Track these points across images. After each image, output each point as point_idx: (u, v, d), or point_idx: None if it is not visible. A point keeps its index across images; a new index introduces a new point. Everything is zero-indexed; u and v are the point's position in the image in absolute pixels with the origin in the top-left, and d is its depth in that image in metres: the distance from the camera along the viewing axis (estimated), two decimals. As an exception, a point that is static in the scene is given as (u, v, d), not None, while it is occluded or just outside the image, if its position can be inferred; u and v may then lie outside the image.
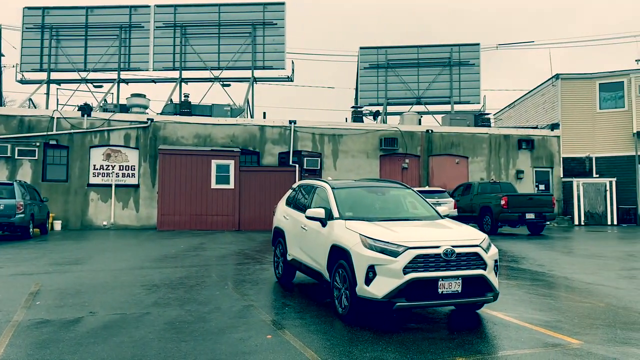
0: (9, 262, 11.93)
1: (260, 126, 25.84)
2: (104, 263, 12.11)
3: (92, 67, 28.57)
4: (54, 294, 8.34)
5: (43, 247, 15.55)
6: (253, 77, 29.00)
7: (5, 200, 16.96)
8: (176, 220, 23.16)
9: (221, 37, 29.05)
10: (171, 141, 24.67)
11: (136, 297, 8.19)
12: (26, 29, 28.30)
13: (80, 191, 23.75)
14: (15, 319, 6.75)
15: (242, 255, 13.69)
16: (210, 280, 9.86)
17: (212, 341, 5.97)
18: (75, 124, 23.99)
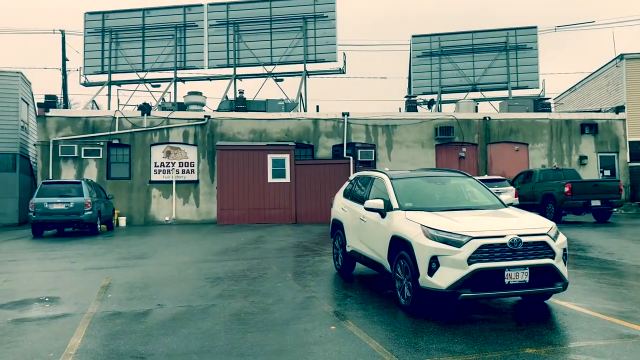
0: (80, 258, 12.48)
1: (313, 120, 25.93)
2: (169, 257, 12.48)
3: (150, 67, 29.38)
4: (123, 287, 8.67)
5: (110, 242, 16.19)
6: (305, 71, 29.08)
7: (74, 198, 17.73)
8: (235, 215, 23.60)
9: (273, 33, 29.25)
10: (228, 137, 25.12)
11: (201, 290, 8.40)
12: (88, 33, 29.39)
13: (142, 188, 24.56)
14: (89, 311, 7.06)
15: (301, 248, 13.81)
16: (272, 272, 9.99)
17: (277, 332, 6.06)
18: (136, 123, 24.79)
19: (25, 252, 14.05)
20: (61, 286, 8.90)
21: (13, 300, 7.80)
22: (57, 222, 17.97)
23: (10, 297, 8.02)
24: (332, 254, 10.32)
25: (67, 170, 24.05)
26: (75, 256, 12.73)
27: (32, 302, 7.71)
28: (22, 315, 6.98)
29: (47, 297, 7.93)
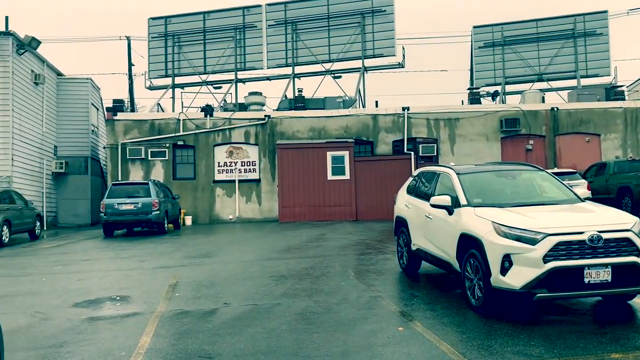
0: (149, 256, 12.83)
1: (372, 115, 25.67)
2: (233, 255, 12.63)
3: (211, 69, 29.93)
4: (190, 286, 8.80)
5: (177, 241, 16.58)
6: (363, 67, 28.83)
7: (143, 198, 18.29)
8: (296, 212, 23.71)
9: (331, 30, 29.16)
10: (287, 136, 25.26)
11: (266, 288, 8.41)
12: (151, 38, 30.27)
13: (207, 187, 25.09)
14: (158, 310, 7.18)
15: (364, 245, 13.65)
16: (335, 270, 9.89)
17: (343, 332, 5.94)
18: (199, 125, 25.34)
19: (97, 252, 14.60)
20: (131, 285, 9.14)
21: (87, 298, 8.06)
22: (127, 222, 18.59)
23: (85, 295, 8.30)
24: (396, 252, 10.11)
25: (135, 171, 24.87)
26: (144, 255, 13.09)
27: (104, 300, 7.94)
28: (96, 313, 7.19)
29: (118, 296, 8.15)
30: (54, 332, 6.27)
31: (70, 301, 7.90)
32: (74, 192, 26.35)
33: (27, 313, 7.22)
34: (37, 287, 9.18)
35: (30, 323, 6.71)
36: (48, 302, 7.92)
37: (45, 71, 25.28)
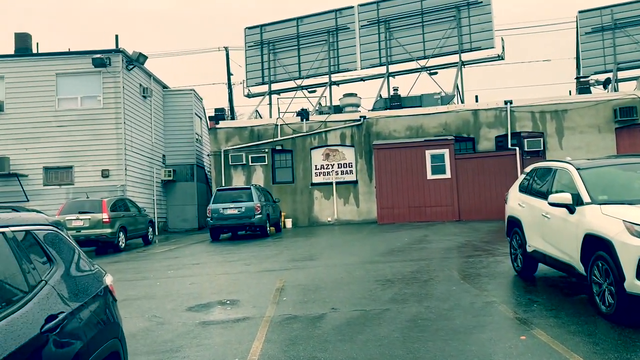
0: (254, 260, 13.08)
1: (473, 111, 24.75)
2: (336, 258, 12.57)
3: (306, 73, 30.28)
4: (296, 290, 8.80)
5: (279, 244, 16.83)
6: (461, 61, 27.88)
7: (245, 203, 18.77)
8: (395, 213, 23.34)
9: (425, 26, 28.52)
10: (384, 136, 24.97)
11: (373, 293, 8.22)
12: (248, 47, 31.15)
13: (305, 190, 25.37)
14: (267, 315, 7.21)
15: (471, 247, 13.09)
16: (443, 274, 9.51)
17: (459, 341, 5.62)
18: (295, 129, 25.69)
19: (206, 256, 15.12)
20: (239, 289, 9.30)
21: (200, 302, 8.28)
22: (231, 226, 19.17)
23: (197, 299, 8.54)
24: (509, 255, 9.54)
25: (237, 177, 25.66)
26: (250, 258, 13.37)
27: (215, 304, 8.11)
28: (208, 317, 7.34)
29: (228, 300, 8.30)
30: (171, 337, 6.45)
31: (184, 305, 8.15)
32: (181, 199, 27.69)
33: (144, 317, 7.52)
34: (152, 291, 9.60)
35: (148, 327, 6.96)
36: (163, 306, 8.22)
37: (152, 84, 26.76)
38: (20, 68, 23.00)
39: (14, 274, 2.63)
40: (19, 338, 2.36)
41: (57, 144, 22.67)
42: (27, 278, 2.71)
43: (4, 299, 2.49)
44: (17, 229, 2.84)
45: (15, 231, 2.81)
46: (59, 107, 22.99)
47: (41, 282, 2.81)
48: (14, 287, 2.60)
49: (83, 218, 16.57)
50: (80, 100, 23.09)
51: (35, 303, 2.64)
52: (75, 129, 22.75)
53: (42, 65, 23.03)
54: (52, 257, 3.07)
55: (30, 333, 2.46)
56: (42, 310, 2.64)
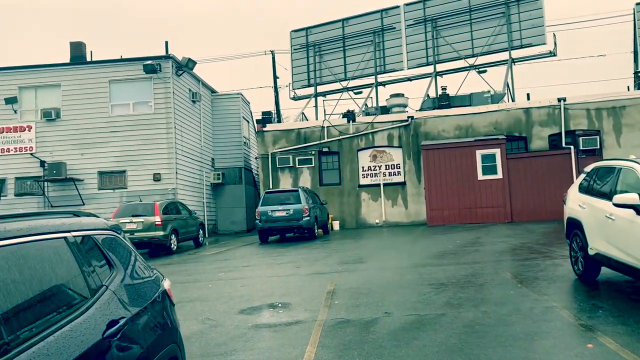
0: (303, 262, 13.05)
1: (524, 109, 24.05)
2: (386, 261, 12.39)
3: (351, 75, 30.18)
4: (348, 293, 8.69)
5: (328, 246, 16.76)
6: (511, 59, 27.19)
7: (293, 205, 18.80)
8: (445, 215, 22.92)
9: (473, 23, 27.96)
10: (432, 136, 24.57)
11: (426, 297, 8.03)
12: (294, 50, 31.30)
13: (352, 192, 25.24)
14: (320, 319, 7.13)
15: (526, 249, 12.67)
16: (499, 277, 9.21)
17: (521, 348, 5.39)
18: (342, 131, 25.61)
19: (255, 258, 15.21)
20: (290, 291, 9.26)
21: (251, 305, 8.28)
22: (280, 228, 19.23)
23: (249, 302, 8.55)
24: (568, 257, 9.15)
25: (285, 179, 25.78)
26: (299, 261, 13.35)
27: (267, 307, 8.10)
28: (260, 320, 7.33)
29: (280, 303, 8.28)
30: (224, 340, 6.46)
31: (236, 308, 8.17)
32: (230, 201, 28.04)
33: (198, 319, 7.57)
34: (204, 293, 9.68)
35: (202, 330, 7.00)
36: (216, 308, 8.27)
37: (201, 89, 27.22)
38: (76, 76, 23.81)
39: (76, 279, 2.64)
40: (82, 344, 2.35)
41: (111, 149, 23.34)
42: (89, 283, 2.71)
43: (67, 304, 2.49)
44: (78, 233, 2.86)
45: (77, 236, 2.83)
46: (112, 113, 23.67)
47: (102, 287, 2.82)
48: (76, 292, 2.61)
49: (136, 221, 16.96)
50: (132, 106, 23.70)
51: (97, 308, 2.63)
52: (128, 134, 23.36)
53: (96, 72, 23.77)
54: (112, 261, 3.08)
55: (93, 339, 2.45)
56: (103, 316, 2.64)
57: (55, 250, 2.56)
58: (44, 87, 23.91)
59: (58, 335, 2.25)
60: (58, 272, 2.50)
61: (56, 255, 2.54)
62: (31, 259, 2.34)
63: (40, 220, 2.59)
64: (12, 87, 23.81)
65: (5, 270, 2.14)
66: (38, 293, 2.30)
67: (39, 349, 2.11)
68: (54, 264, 2.50)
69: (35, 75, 23.89)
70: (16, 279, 2.19)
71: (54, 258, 2.51)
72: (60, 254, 2.58)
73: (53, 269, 2.46)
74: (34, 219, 2.58)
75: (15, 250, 2.25)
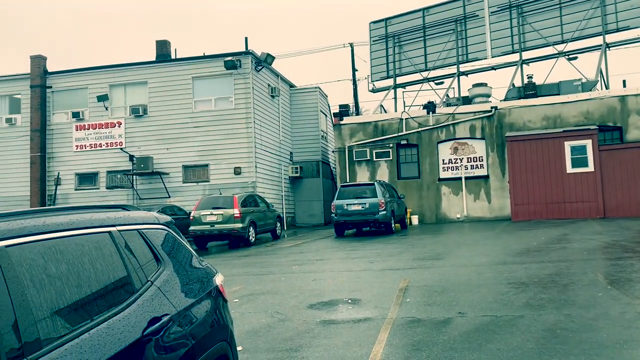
0: (377, 257, 12.82)
1: (620, 97, 22.39)
2: (464, 258, 11.91)
3: (432, 65, 29.39)
4: (421, 291, 8.39)
5: (404, 241, 16.41)
6: (605, 43, 25.39)
7: (369, 199, 18.57)
8: (531, 210, 21.82)
9: (562, 7, 26.37)
10: (518, 127, 23.45)
11: (504, 297, 7.58)
12: (373, 41, 30.91)
13: (432, 186, 24.61)
14: (389, 317, 6.90)
15: (619, 248, 11.73)
16: (586, 278, 8.55)
17: (606, 357, 4.91)
18: (421, 122, 25.00)
19: (329, 252, 15.15)
20: (362, 287, 9.08)
21: (321, 300, 8.18)
22: (355, 222, 19.05)
23: (319, 297, 8.45)
24: (667, 258, 8.33)
25: (362, 172, 25.56)
26: (373, 256, 13.13)
27: (337, 303, 7.96)
28: (329, 316, 7.20)
29: (349, 299, 8.12)
30: (291, 335, 6.38)
31: (306, 302, 8.10)
32: (308, 194, 28.21)
33: (267, 312, 7.56)
34: (277, 286, 9.70)
35: (270, 323, 6.97)
36: (286, 302, 8.24)
37: (279, 84, 27.52)
38: (161, 73, 24.78)
39: (118, 275, 2.60)
40: (118, 342, 2.29)
41: (194, 144, 24.11)
42: (132, 279, 2.67)
43: (107, 300, 2.45)
44: (125, 228, 2.82)
45: (123, 230, 2.79)
46: (195, 108, 24.43)
47: (147, 283, 2.77)
48: (119, 288, 2.57)
49: (216, 213, 17.39)
50: (214, 101, 24.34)
51: (139, 305, 2.58)
52: (210, 129, 24.03)
53: (180, 69, 24.61)
54: (160, 257, 3.03)
55: (132, 336, 2.39)
56: (145, 313, 2.58)
57: (98, 245, 2.53)
58: (132, 85, 25.07)
59: (94, 333, 2.20)
60: (99, 268, 2.47)
61: (97, 250, 2.50)
62: (69, 254, 2.31)
63: (83, 215, 2.57)
64: (104, 86, 25.17)
65: (40, 265, 2.11)
66: (76, 289, 2.26)
67: (72, 346, 2.06)
68: (95, 259, 2.46)
69: (124, 73, 25.11)
70: (52, 274, 2.16)
71: (95, 253, 2.47)
72: (103, 249, 2.55)
73: (93, 265, 2.43)
74: (78, 213, 2.57)
75: (52, 245, 2.23)
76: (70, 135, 25.36)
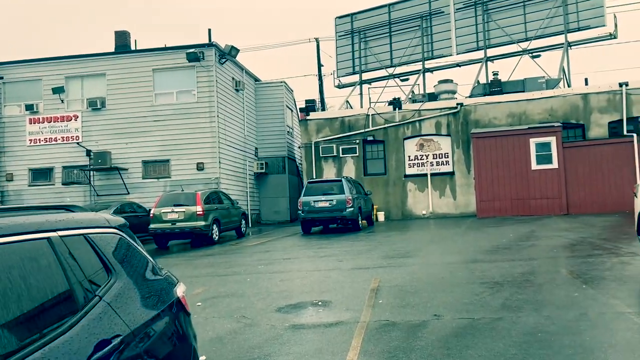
0: (346, 255, 12.49)
1: (582, 95, 22.69)
2: (434, 256, 11.70)
3: (398, 61, 29.26)
4: (393, 291, 8.09)
5: (372, 238, 16.15)
6: (567, 42, 25.71)
7: (336, 195, 18.25)
8: (496, 206, 21.90)
9: (526, 5, 26.57)
10: (483, 124, 23.51)
11: (480, 298, 7.33)
12: (339, 37, 30.57)
13: (398, 182, 24.48)
14: (362, 320, 6.56)
15: (587, 245, 11.71)
16: (560, 277, 8.41)
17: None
18: (388, 119, 24.83)
19: (297, 250, 14.75)
20: (332, 288, 8.72)
21: (290, 302, 7.79)
22: (323, 219, 18.72)
23: (288, 299, 8.06)
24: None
25: (328, 169, 25.23)
26: (342, 254, 12.81)
27: (306, 305, 7.58)
28: (298, 320, 6.81)
29: (319, 301, 7.74)
30: (259, 342, 5.97)
31: (274, 305, 7.69)
32: (274, 191, 27.74)
33: (233, 317, 7.12)
34: (242, 287, 9.25)
35: (236, 329, 6.54)
36: (252, 305, 7.81)
37: (244, 78, 26.92)
38: (120, 65, 23.87)
39: (58, 290, 2.15)
40: (54, 375, 1.85)
41: (155, 138, 23.32)
42: (76, 294, 2.22)
43: (43, 323, 2.00)
44: (68, 232, 2.37)
45: (66, 236, 2.34)
46: (156, 102, 23.63)
47: (94, 299, 2.32)
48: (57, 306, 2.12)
49: (178, 211, 16.76)
50: (176, 94, 23.59)
51: (83, 326, 2.14)
52: (172, 123, 23.28)
53: (140, 61, 23.76)
54: (111, 266, 2.58)
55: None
56: (91, 335, 2.14)
57: (32, 254, 2.08)
58: (90, 77, 24.08)
59: (22, 366, 1.76)
60: (33, 283, 2.02)
61: (32, 261, 2.05)
62: (-8, 267, 1.85)
63: (15, 218, 2.11)
64: (59, 77, 24.09)
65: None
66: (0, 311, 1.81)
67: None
68: (29, 272, 2.01)
69: (81, 64, 24.09)
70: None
71: (28, 265, 2.02)
72: (39, 259, 2.10)
73: (25, 279, 1.98)
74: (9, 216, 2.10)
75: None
76: (23, 129, 24.20)
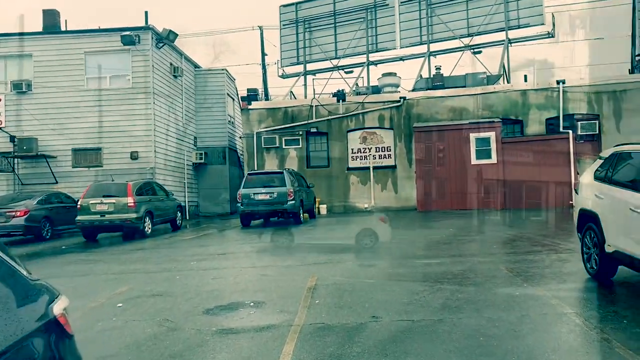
0: (285, 252, 12.08)
1: (521, 91, 23.05)
2: (374, 251, 11.39)
3: (342, 53, 28.92)
4: (330, 290, 7.67)
5: (313, 233, 15.75)
6: (507, 39, 26.10)
7: (277, 188, 17.72)
8: (436, 201, 21.98)
9: (469, 2, 26.77)
10: (425, 118, 23.51)
11: (419, 297, 7.01)
12: (283, 26, 29.92)
13: (341, 175, 24.19)
14: (297, 322, 6.10)
15: (527, 241, 11.71)
16: (501, 274, 8.23)
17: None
18: (331, 111, 24.46)
19: (234, 244, 14.15)
20: (266, 287, 8.23)
21: (220, 304, 7.22)
22: (263, 212, 18.16)
23: (218, 299, 7.49)
24: (580, 253, 8.11)
25: (270, 160, 24.64)
26: (281, 249, 12.33)
27: (238, 307, 7.03)
28: (228, 324, 6.27)
29: (252, 302, 7.21)
30: (180, 349, 5.40)
31: (202, 306, 7.11)
32: (213, 182, 26.89)
33: (155, 320, 6.50)
34: (170, 286, 8.61)
35: (157, 334, 5.94)
36: (179, 306, 7.21)
37: (183, 64, 25.87)
38: (49, 46, 22.38)
39: None
40: None
41: (86, 125, 22.04)
42: None
43: None
44: None
45: None
46: (87, 86, 22.32)
47: None
48: None
49: (107, 202, 15.79)
50: (109, 79, 22.37)
51: None
52: (104, 109, 22.05)
53: (71, 43, 22.35)
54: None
55: None
56: None
57: None
58: (14, 57, 22.46)
59: None
60: None
61: None
62: None
63: None
64: (-20, 57, 22.34)
65: None
66: None
67: None
68: None
69: (4, 44, 22.43)
70: None
71: None
72: None
73: None
74: None
75: None
76: (-62, 112, 22.33)
